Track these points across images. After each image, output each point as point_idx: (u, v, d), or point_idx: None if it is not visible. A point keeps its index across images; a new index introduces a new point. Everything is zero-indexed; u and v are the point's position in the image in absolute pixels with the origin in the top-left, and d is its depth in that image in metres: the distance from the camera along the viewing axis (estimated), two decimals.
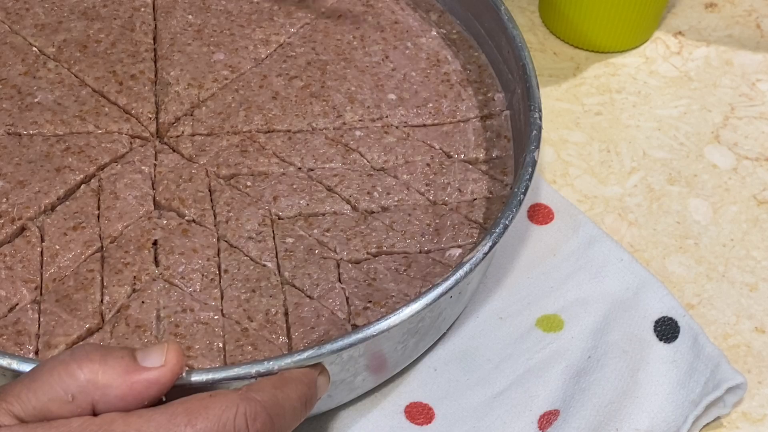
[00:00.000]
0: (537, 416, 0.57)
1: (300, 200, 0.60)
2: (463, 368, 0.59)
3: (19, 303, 0.55)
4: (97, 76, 0.65)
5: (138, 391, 0.44)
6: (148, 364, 0.45)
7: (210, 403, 0.44)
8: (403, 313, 0.51)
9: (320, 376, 0.50)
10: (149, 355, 0.45)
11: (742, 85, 0.75)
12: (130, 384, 0.44)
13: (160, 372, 0.45)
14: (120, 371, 0.44)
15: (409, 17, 0.70)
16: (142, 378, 0.44)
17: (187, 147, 0.62)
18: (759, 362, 0.61)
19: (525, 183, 0.57)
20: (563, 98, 0.73)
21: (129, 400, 0.44)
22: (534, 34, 0.77)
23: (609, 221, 0.67)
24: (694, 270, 0.65)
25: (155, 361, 0.45)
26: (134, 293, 0.56)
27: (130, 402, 0.44)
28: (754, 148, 0.71)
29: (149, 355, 0.45)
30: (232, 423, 0.44)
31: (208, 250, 0.57)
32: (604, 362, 0.59)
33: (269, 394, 0.46)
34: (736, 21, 0.79)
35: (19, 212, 0.58)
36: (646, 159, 0.70)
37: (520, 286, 0.63)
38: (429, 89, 0.66)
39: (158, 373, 0.45)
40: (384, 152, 0.63)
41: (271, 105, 0.64)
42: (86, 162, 0.60)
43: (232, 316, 0.55)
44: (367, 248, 0.58)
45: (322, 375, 0.50)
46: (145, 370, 0.45)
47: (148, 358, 0.45)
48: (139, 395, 0.44)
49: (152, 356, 0.45)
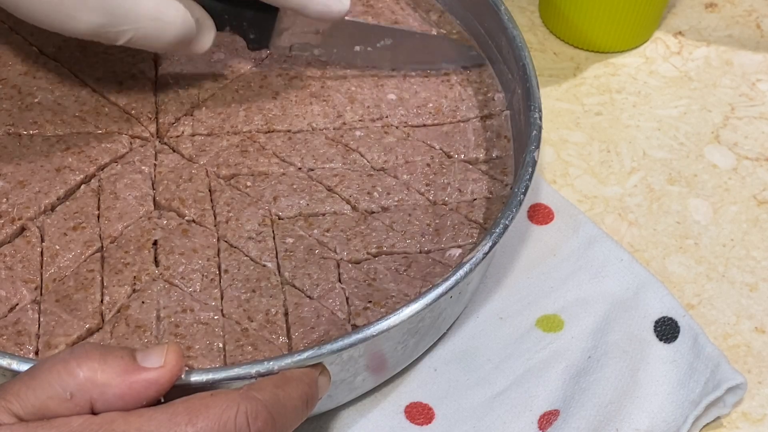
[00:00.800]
0: (537, 416, 0.57)
1: (300, 200, 0.60)
2: (463, 368, 0.59)
3: (19, 303, 0.55)
4: (97, 77, 0.65)
5: (137, 390, 0.44)
6: (147, 365, 0.45)
7: (211, 402, 0.44)
8: (403, 313, 0.51)
9: (321, 376, 0.50)
10: (149, 356, 0.45)
11: (742, 85, 0.75)
12: (129, 384, 0.44)
13: (159, 373, 0.45)
14: (119, 371, 0.44)
15: (409, 17, 0.70)
16: (141, 378, 0.44)
17: (187, 147, 0.62)
18: (759, 362, 0.61)
19: (525, 183, 0.57)
20: (563, 98, 0.73)
21: (127, 400, 0.44)
22: (534, 34, 0.77)
23: (609, 221, 0.67)
24: (694, 270, 0.65)
25: (155, 361, 0.45)
26: (134, 293, 0.56)
27: (128, 402, 0.44)
28: (754, 148, 0.71)
29: (149, 356, 0.45)
30: (233, 422, 0.44)
31: (208, 250, 0.57)
32: (604, 362, 0.59)
33: (270, 393, 0.46)
34: (736, 21, 0.79)
35: (19, 212, 0.58)
36: (646, 159, 0.70)
37: (520, 286, 0.63)
38: (429, 89, 0.66)
39: (157, 373, 0.45)
40: (384, 152, 0.63)
41: (271, 105, 0.64)
42: (86, 162, 0.60)
43: (232, 316, 0.55)
44: (367, 248, 0.58)
45: (322, 375, 0.50)
46: (144, 371, 0.45)
47: (147, 358, 0.45)
48: (138, 395, 0.44)
49: (152, 357, 0.45)
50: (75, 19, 0.53)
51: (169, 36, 0.55)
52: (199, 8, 0.57)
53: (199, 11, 0.57)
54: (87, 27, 0.53)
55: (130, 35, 0.54)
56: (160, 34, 0.55)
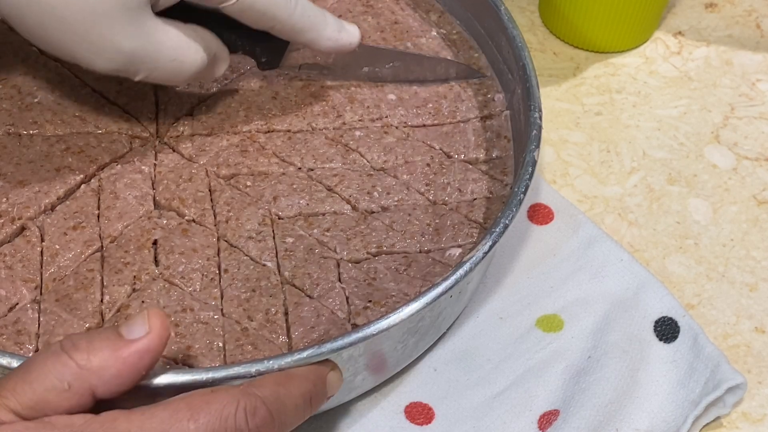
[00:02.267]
0: (537, 416, 0.57)
1: (300, 200, 0.60)
2: (463, 368, 0.59)
3: (19, 302, 0.55)
4: (97, 77, 0.65)
5: (132, 364, 0.44)
6: (134, 336, 0.45)
7: (212, 398, 0.45)
8: (403, 312, 0.51)
9: (332, 373, 0.50)
10: (133, 327, 0.45)
11: (742, 85, 0.75)
12: (123, 360, 0.44)
13: (148, 339, 0.45)
14: (110, 351, 0.44)
15: (408, 17, 0.70)
16: (133, 350, 0.44)
17: (187, 147, 0.62)
18: (759, 362, 0.61)
19: (525, 183, 0.57)
20: (563, 98, 0.73)
21: (125, 376, 0.44)
22: (534, 34, 0.77)
23: (609, 221, 0.67)
24: (694, 270, 0.65)
25: (140, 330, 0.45)
26: (134, 293, 0.56)
27: (126, 378, 0.44)
28: (754, 148, 0.71)
29: (133, 327, 0.45)
30: (233, 417, 0.44)
31: (208, 250, 0.57)
32: (604, 362, 0.59)
33: (270, 390, 0.46)
34: (736, 21, 0.79)
35: (19, 212, 0.58)
36: (646, 159, 0.70)
37: (520, 286, 0.63)
38: (429, 89, 0.66)
39: (147, 341, 0.45)
40: (384, 152, 0.63)
41: (271, 105, 0.64)
42: (86, 162, 0.60)
43: (232, 316, 0.55)
44: (367, 248, 0.58)
45: (333, 372, 0.50)
46: (133, 342, 0.45)
47: (132, 330, 0.45)
48: (134, 368, 0.45)
49: (136, 327, 0.45)
50: (97, 60, 0.54)
51: (186, 74, 0.56)
52: (217, 42, 0.58)
53: (217, 45, 0.58)
54: (108, 67, 0.54)
55: (148, 74, 0.55)
56: (178, 73, 0.56)
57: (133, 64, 0.54)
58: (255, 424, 0.45)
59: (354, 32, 0.59)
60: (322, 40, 0.58)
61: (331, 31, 0.58)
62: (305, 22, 0.57)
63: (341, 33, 0.58)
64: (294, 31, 0.57)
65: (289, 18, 0.56)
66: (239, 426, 0.44)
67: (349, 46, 0.59)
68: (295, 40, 0.58)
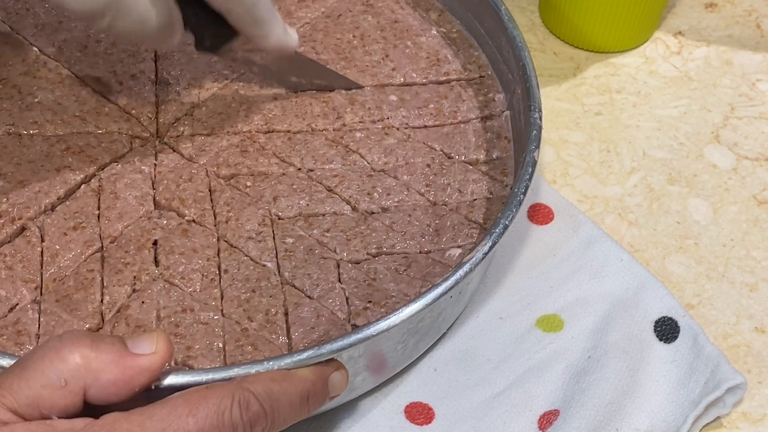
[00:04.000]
0: (537, 416, 0.57)
1: (300, 200, 0.60)
2: (463, 368, 0.59)
3: (19, 303, 0.55)
4: (97, 76, 0.65)
5: (130, 376, 0.45)
6: (139, 351, 0.45)
7: (208, 393, 0.45)
8: (403, 313, 0.51)
9: (335, 373, 0.50)
10: (140, 343, 0.46)
11: (742, 85, 0.75)
12: (123, 369, 0.45)
13: (151, 359, 0.45)
14: (112, 357, 0.45)
15: (408, 16, 0.70)
16: (135, 364, 0.45)
17: (187, 147, 0.62)
18: (759, 362, 0.61)
19: (525, 183, 0.57)
20: (563, 98, 0.73)
21: (120, 386, 0.45)
22: (534, 34, 0.77)
23: (609, 221, 0.67)
24: (694, 270, 0.65)
25: (146, 348, 0.45)
26: (134, 293, 0.56)
27: (121, 388, 0.45)
28: (754, 148, 0.71)
29: (140, 343, 0.46)
30: (230, 410, 0.45)
31: (208, 250, 0.57)
32: (604, 362, 0.59)
33: (263, 386, 0.46)
34: (736, 21, 0.79)
35: (19, 212, 0.58)
36: (646, 159, 0.70)
37: (520, 286, 0.63)
38: (429, 90, 0.66)
39: (150, 360, 0.45)
40: (384, 153, 0.63)
41: (271, 105, 0.64)
42: (86, 162, 0.60)
43: (232, 316, 0.55)
44: (367, 248, 0.58)
45: (338, 372, 0.50)
46: (137, 357, 0.45)
47: (139, 345, 0.46)
48: (131, 381, 0.45)
49: (143, 343, 0.46)
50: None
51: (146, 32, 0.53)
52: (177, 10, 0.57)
53: (177, 13, 0.56)
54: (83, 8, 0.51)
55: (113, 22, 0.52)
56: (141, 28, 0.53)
57: (109, 8, 0.51)
58: (249, 418, 0.45)
59: (296, 37, 0.60)
60: (271, 36, 0.58)
61: (280, 30, 0.58)
62: (263, 15, 0.57)
63: (286, 35, 0.59)
64: (250, 21, 0.57)
65: (253, 5, 0.56)
66: (235, 419, 0.45)
67: (289, 50, 0.59)
68: (246, 31, 0.57)
